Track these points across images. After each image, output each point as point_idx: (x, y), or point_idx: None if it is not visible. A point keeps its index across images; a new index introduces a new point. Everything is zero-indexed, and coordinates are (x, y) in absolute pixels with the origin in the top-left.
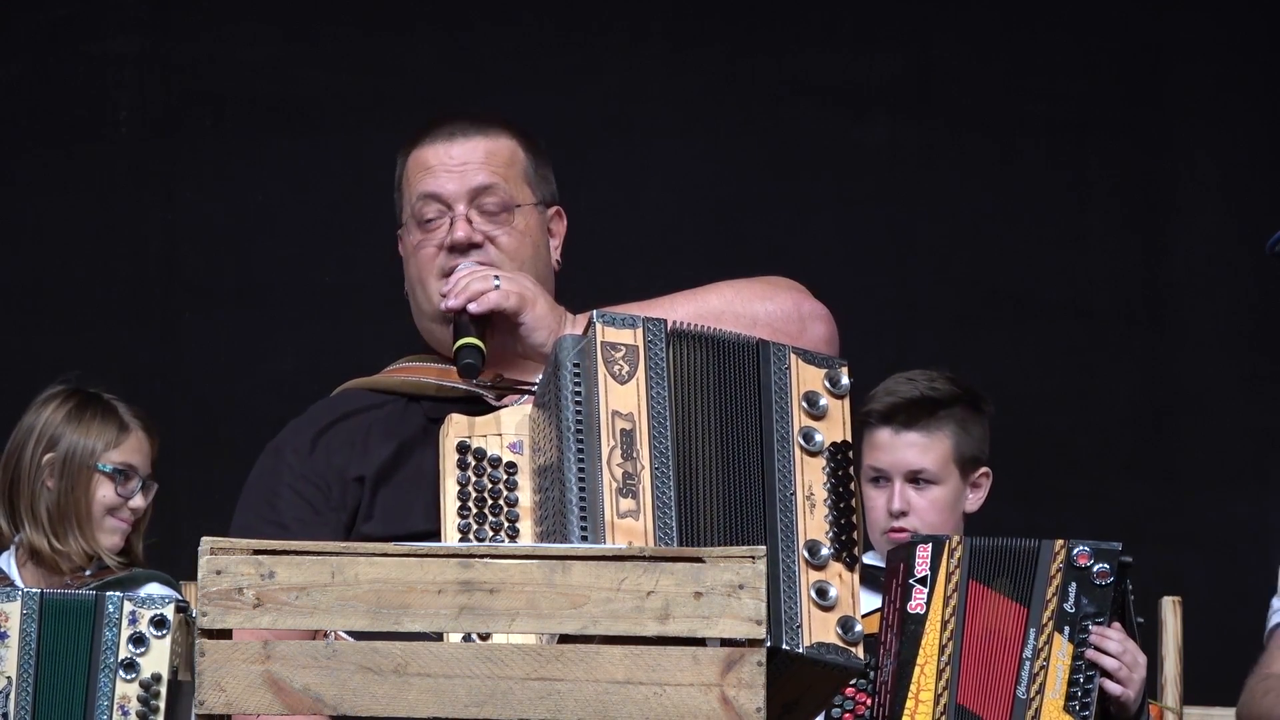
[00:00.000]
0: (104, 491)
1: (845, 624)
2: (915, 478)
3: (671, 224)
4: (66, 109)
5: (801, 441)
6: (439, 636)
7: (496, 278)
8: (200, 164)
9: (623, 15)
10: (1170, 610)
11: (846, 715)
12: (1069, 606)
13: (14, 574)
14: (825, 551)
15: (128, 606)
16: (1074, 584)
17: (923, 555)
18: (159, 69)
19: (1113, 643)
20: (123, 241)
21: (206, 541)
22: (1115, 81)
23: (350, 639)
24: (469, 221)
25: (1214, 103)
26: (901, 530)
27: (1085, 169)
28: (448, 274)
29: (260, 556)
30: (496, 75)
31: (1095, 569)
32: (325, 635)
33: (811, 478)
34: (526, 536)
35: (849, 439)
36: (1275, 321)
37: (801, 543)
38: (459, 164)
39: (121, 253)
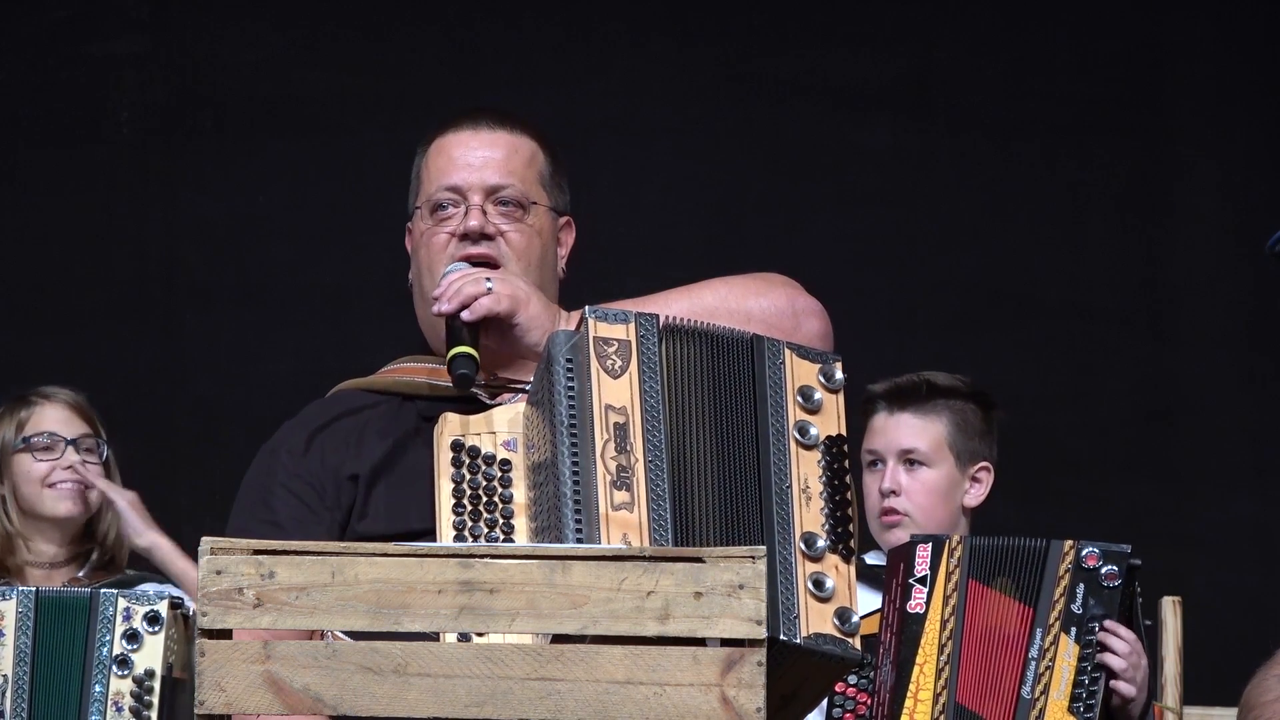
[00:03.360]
0: (27, 466)
1: (842, 615)
2: (908, 459)
3: (671, 224)
4: (67, 110)
5: (797, 435)
6: (439, 637)
7: (488, 279)
8: (200, 165)
9: (623, 15)
10: (1170, 610)
11: (847, 715)
12: (1076, 608)
13: None
14: (822, 543)
15: (122, 603)
16: (1082, 585)
17: (922, 555)
18: (159, 70)
19: (1121, 641)
20: (123, 241)
21: (206, 541)
22: (1115, 81)
23: (348, 639)
24: (483, 212)
25: (1214, 103)
26: (893, 511)
27: (1085, 169)
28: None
29: (260, 556)
30: (497, 75)
31: (1103, 571)
32: (324, 635)
33: (807, 470)
34: (521, 533)
35: (844, 433)
36: (1275, 321)
37: (798, 535)
38: (480, 156)
39: (121, 253)
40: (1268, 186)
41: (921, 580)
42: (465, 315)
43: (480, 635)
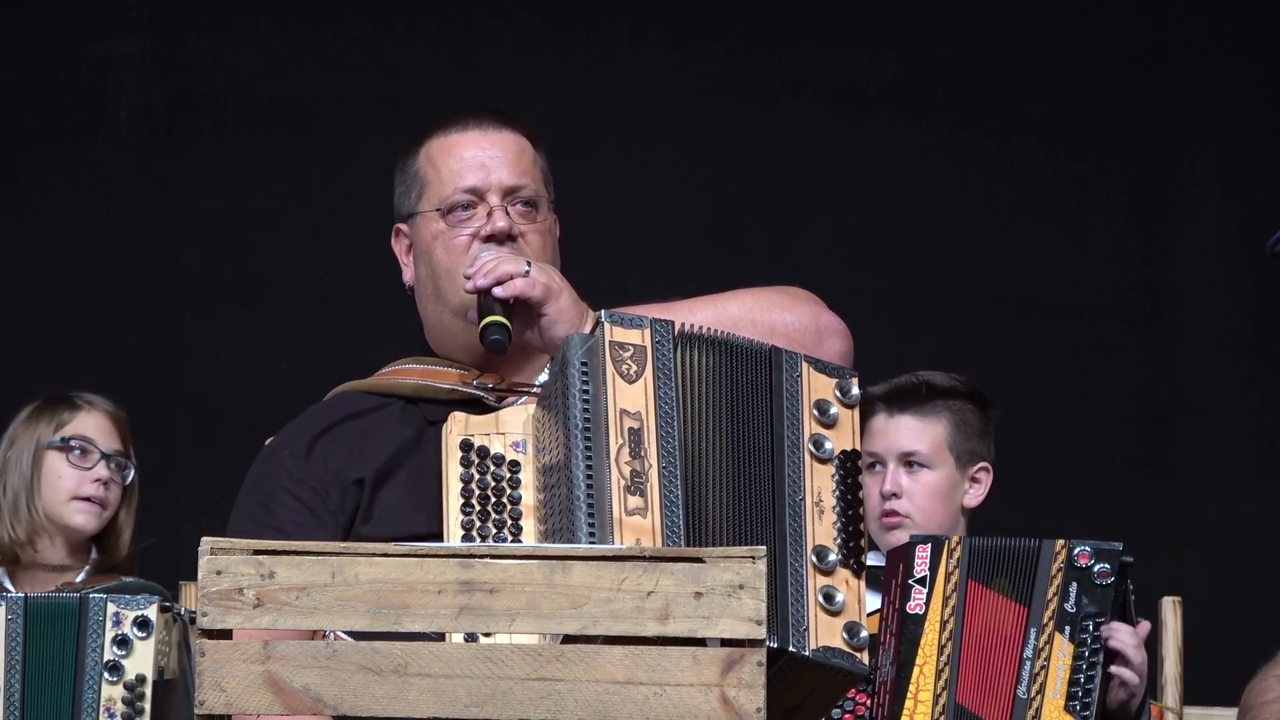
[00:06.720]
0: (57, 468)
1: (851, 629)
2: (908, 461)
3: (671, 224)
4: (67, 109)
5: (812, 448)
6: (440, 637)
7: (528, 263)
8: (200, 164)
9: (623, 15)
10: (1170, 610)
11: (846, 716)
12: (1070, 606)
13: (5, 580)
14: (833, 557)
15: (111, 609)
16: (1075, 584)
17: (922, 556)
18: (159, 69)
19: (1124, 637)
20: (123, 241)
21: (206, 541)
22: (1115, 81)
23: (349, 639)
24: (506, 213)
25: (1214, 103)
26: (893, 514)
27: (1085, 169)
28: None
29: (260, 557)
30: (497, 75)
31: (1096, 569)
32: (325, 635)
33: (820, 484)
34: (529, 535)
35: (858, 448)
36: (1275, 322)
37: (810, 547)
38: (493, 157)
39: (121, 253)
40: (1268, 186)
41: (921, 581)
42: (499, 291)
43: (487, 635)
